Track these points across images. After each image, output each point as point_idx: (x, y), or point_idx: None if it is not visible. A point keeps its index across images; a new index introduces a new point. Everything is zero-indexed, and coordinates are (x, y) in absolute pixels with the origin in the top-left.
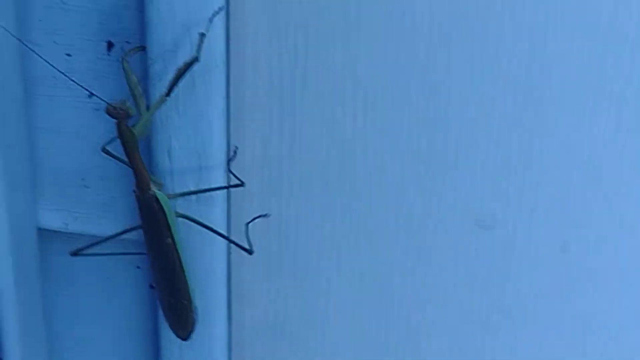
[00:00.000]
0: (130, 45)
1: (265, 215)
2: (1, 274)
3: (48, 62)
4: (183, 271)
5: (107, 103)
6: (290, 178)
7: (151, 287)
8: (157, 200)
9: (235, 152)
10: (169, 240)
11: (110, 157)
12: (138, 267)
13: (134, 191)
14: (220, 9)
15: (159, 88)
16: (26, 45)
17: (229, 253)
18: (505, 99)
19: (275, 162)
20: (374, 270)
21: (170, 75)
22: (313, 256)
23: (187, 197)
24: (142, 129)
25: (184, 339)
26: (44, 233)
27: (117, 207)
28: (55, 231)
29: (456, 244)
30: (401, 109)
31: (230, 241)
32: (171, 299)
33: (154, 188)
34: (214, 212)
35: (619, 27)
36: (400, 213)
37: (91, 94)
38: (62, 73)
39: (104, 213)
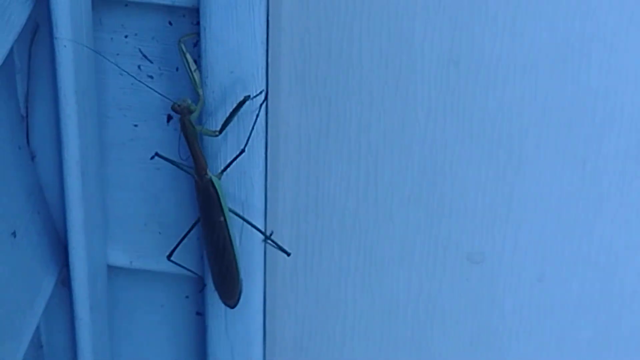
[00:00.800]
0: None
1: (287, 254)
2: (80, 302)
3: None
4: (232, 247)
5: (173, 102)
6: (315, 225)
7: (197, 314)
8: (212, 184)
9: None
10: (222, 219)
11: (169, 206)
12: (187, 297)
13: (194, 176)
14: (261, 91)
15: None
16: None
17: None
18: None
19: (303, 212)
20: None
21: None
22: (333, 285)
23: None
24: (198, 120)
25: (232, 306)
26: (112, 269)
27: (172, 247)
28: (121, 268)
29: (450, 277)
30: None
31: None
32: (221, 271)
33: (210, 173)
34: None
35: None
36: (405, 253)
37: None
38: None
39: (162, 252)
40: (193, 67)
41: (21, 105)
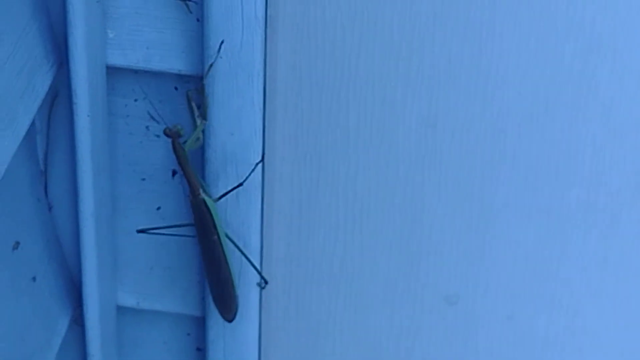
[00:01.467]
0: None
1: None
2: (92, 340)
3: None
4: (227, 264)
5: (166, 126)
6: (306, 268)
7: (198, 349)
8: (205, 203)
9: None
10: (215, 237)
11: (173, 252)
12: (188, 334)
13: (188, 196)
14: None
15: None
16: None
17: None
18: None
19: (295, 256)
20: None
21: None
22: (322, 323)
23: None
24: (191, 144)
25: (230, 320)
26: (121, 309)
27: (176, 289)
28: (129, 308)
29: (429, 315)
30: (387, 227)
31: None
32: (218, 286)
33: (202, 194)
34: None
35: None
36: (387, 294)
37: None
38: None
39: (166, 294)
40: (196, 113)
41: (40, 161)
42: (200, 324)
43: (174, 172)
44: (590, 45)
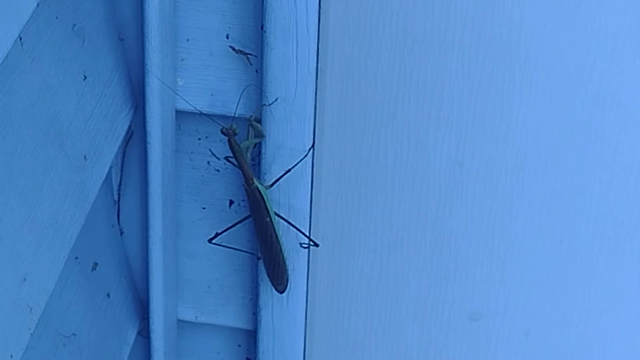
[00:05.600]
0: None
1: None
2: (156, 350)
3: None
4: (278, 241)
5: (221, 126)
6: (346, 289)
7: (247, 359)
8: (259, 190)
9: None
10: (268, 219)
11: (227, 272)
12: (239, 345)
13: (244, 185)
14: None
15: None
16: None
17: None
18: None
19: (337, 277)
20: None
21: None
22: (359, 337)
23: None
24: (246, 144)
25: (281, 291)
26: (181, 322)
27: (230, 305)
28: (188, 321)
29: (454, 331)
30: (418, 253)
31: (302, 232)
32: (270, 261)
33: (256, 182)
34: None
35: None
36: (418, 311)
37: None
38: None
39: (221, 309)
40: (257, 134)
41: (114, 192)
42: (251, 336)
43: (231, 202)
44: (597, 97)
